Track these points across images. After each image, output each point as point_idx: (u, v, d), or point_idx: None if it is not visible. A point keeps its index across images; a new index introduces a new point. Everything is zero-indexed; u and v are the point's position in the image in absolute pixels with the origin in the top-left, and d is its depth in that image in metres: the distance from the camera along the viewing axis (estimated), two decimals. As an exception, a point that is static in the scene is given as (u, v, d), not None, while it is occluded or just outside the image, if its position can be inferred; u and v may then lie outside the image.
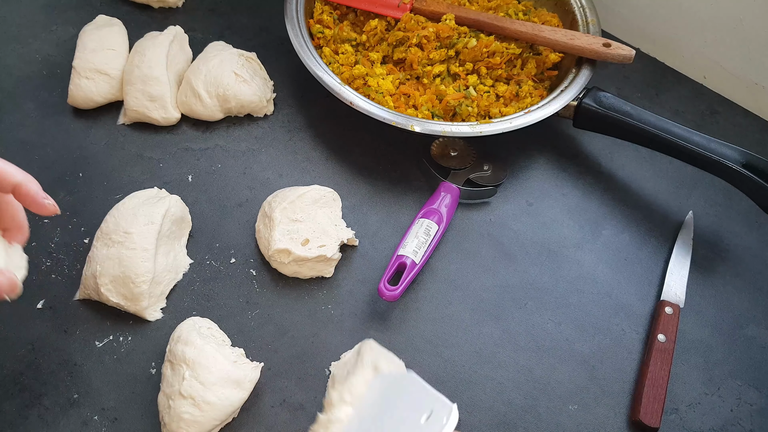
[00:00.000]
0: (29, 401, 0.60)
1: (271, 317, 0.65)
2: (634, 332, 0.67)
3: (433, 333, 0.65)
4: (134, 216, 0.64)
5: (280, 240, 0.66)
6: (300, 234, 0.67)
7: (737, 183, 0.68)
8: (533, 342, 0.66)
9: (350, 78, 0.77)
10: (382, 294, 0.64)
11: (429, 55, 0.77)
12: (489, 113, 0.75)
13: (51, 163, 0.75)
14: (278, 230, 0.67)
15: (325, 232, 0.68)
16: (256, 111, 0.80)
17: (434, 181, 0.75)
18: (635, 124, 0.71)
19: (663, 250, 0.73)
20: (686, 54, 0.88)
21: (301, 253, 0.66)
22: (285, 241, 0.66)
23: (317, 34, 0.81)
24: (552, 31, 0.77)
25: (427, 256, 0.68)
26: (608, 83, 0.87)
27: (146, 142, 0.78)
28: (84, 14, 0.88)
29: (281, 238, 0.66)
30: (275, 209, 0.68)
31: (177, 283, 0.67)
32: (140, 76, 0.77)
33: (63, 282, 0.67)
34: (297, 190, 0.70)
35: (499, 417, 0.61)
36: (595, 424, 0.61)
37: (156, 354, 0.62)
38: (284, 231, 0.67)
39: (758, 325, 0.68)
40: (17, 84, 0.82)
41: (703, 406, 0.63)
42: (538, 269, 0.70)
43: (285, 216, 0.68)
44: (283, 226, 0.67)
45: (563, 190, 0.77)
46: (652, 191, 0.77)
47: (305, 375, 0.62)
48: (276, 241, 0.66)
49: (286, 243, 0.66)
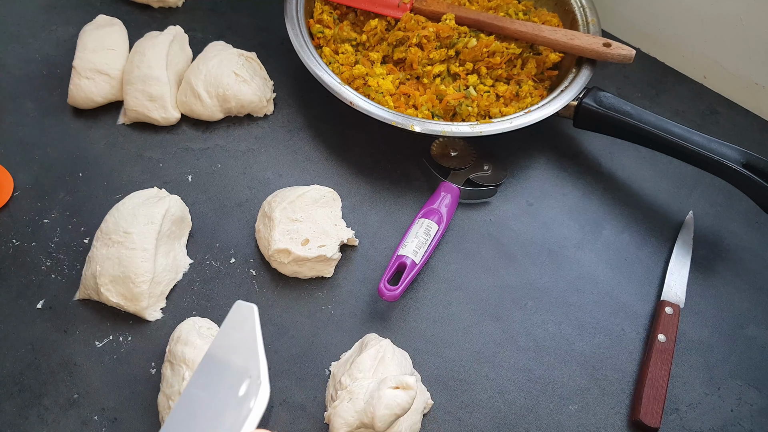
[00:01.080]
0: (29, 401, 0.60)
1: (271, 317, 0.65)
2: (634, 332, 0.67)
3: (433, 333, 0.65)
4: (134, 216, 0.64)
5: (280, 240, 0.66)
6: (300, 234, 0.67)
7: (737, 183, 0.68)
8: (533, 342, 0.66)
9: (350, 78, 0.77)
10: (382, 294, 0.64)
11: (429, 55, 0.77)
12: (489, 113, 0.75)
13: (51, 163, 0.75)
14: (278, 230, 0.67)
15: (325, 232, 0.68)
16: (256, 111, 0.80)
17: (434, 181, 0.75)
18: (635, 124, 0.71)
19: (663, 250, 0.73)
20: (686, 54, 0.88)
21: (301, 253, 0.66)
22: (285, 241, 0.66)
23: (317, 34, 0.81)
24: (552, 30, 0.77)
25: (427, 256, 0.68)
26: (608, 83, 0.87)
27: (146, 142, 0.78)
28: (84, 14, 0.88)
29: (281, 238, 0.66)
30: (275, 209, 0.68)
31: (177, 283, 0.67)
32: (140, 76, 0.77)
33: (63, 282, 0.67)
34: (297, 190, 0.70)
35: (499, 417, 0.61)
36: (595, 424, 0.61)
37: (156, 354, 0.62)
38: (284, 231, 0.67)
39: (758, 325, 0.68)
40: (17, 84, 0.82)
41: (703, 406, 0.63)
42: (538, 269, 0.70)
43: (285, 216, 0.68)
44: (282, 226, 0.67)
45: (563, 190, 0.77)
46: (652, 191, 0.77)
47: (305, 375, 0.62)
48: (276, 241, 0.66)
49: (286, 243, 0.66)
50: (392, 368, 0.57)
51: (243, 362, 0.45)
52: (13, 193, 0.72)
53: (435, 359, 0.64)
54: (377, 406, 0.53)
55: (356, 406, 0.55)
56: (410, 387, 0.54)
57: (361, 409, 0.54)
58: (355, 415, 0.55)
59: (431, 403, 0.61)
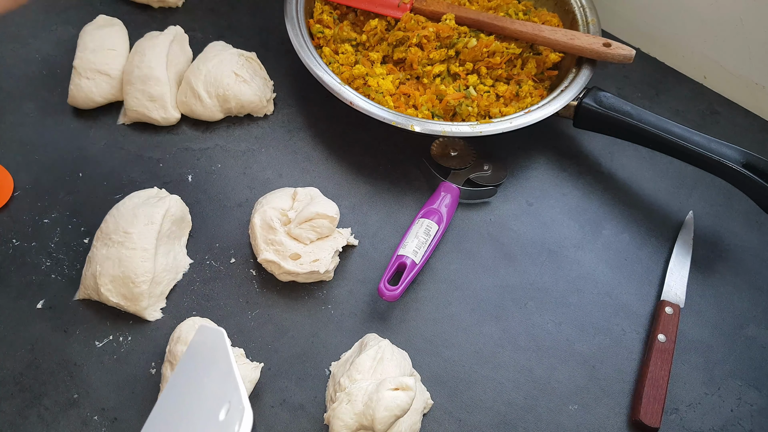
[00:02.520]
0: (29, 401, 0.60)
1: (270, 317, 0.65)
2: (634, 332, 0.67)
3: (433, 333, 0.65)
4: (134, 216, 0.64)
5: (266, 250, 0.64)
6: (286, 247, 0.64)
7: (737, 183, 0.68)
8: (533, 342, 0.66)
9: (350, 78, 0.77)
10: (382, 294, 0.64)
11: (429, 55, 0.77)
12: (489, 113, 0.75)
13: (51, 163, 0.75)
14: (260, 239, 0.65)
15: (317, 244, 0.66)
16: (256, 111, 0.80)
17: (434, 181, 0.75)
18: (635, 124, 0.71)
19: (663, 250, 0.73)
20: (686, 54, 0.88)
21: (291, 268, 0.64)
22: (270, 253, 0.64)
23: (317, 34, 0.81)
24: (552, 30, 0.77)
25: (427, 256, 0.68)
26: (608, 83, 0.87)
27: (146, 142, 0.78)
28: (84, 14, 0.88)
29: (267, 248, 0.64)
30: (255, 213, 0.66)
31: (177, 283, 0.67)
32: (140, 76, 0.77)
33: (63, 282, 0.67)
34: (285, 192, 0.68)
35: (499, 417, 0.61)
36: (595, 424, 0.61)
37: (156, 354, 0.62)
38: (267, 240, 0.64)
39: (758, 325, 0.68)
40: (17, 84, 0.82)
41: (703, 406, 0.63)
42: (538, 269, 0.70)
43: (265, 222, 0.65)
44: (265, 235, 0.65)
45: (563, 190, 0.77)
46: (652, 191, 0.77)
47: (305, 375, 0.62)
48: (261, 251, 0.64)
49: (272, 256, 0.64)
50: (391, 369, 0.57)
51: (219, 387, 0.45)
52: (13, 193, 0.72)
53: (435, 359, 0.64)
54: (377, 409, 0.53)
55: (355, 408, 0.55)
56: (409, 388, 0.54)
57: (360, 412, 0.54)
58: (354, 417, 0.55)
59: (431, 403, 0.61)
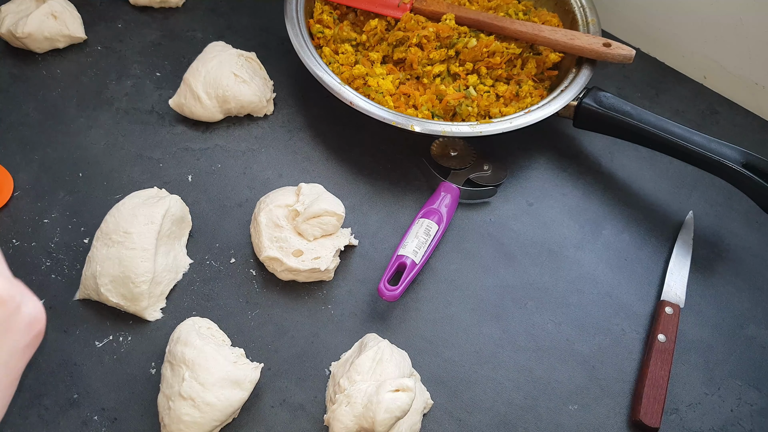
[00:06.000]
0: (29, 401, 0.60)
1: (271, 317, 0.65)
2: (634, 332, 0.67)
3: (433, 333, 0.65)
4: (134, 216, 0.64)
5: (269, 247, 0.65)
6: (290, 243, 0.65)
7: (737, 183, 0.68)
8: (533, 342, 0.66)
9: (350, 78, 0.77)
10: (382, 294, 0.64)
11: (429, 55, 0.77)
12: (489, 113, 0.75)
13: (51, 163, 0.75)
14: (265, 236, 0.65)
15: (320, 242, 0.66)
16: (256, 111, 0.80)
17: (434, 181, 0.75)
18: (635, 124, 0.71)
19: (663, 250, 0.73)
20: (686, 54, 0.88)
21: (294, 264, 0.64)
22: (274, 250, 0.64)
23: (317, 34, 0.81)
24: (552, 31, 0.77)
25: (427, 256, 0.68)
26: (608, 83, 0.87)
27: (146, 142, 0.78)
28: (84, 14, 0.87)
29: (270, 245, 0.65)
30: (260, 212, 0.66)
31: (177, 283, 0.67)
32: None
33: (63, 282, 0.66)
34: (288, 189, 0.68)
35: (499, 417, 0.61)
36: (595, 424, 0.61)
37: (156, 354, 0.62)
38: (272, 237, 0.65)
39: (758, 325, 0.68)
40: (17, 84, 0.82)
41: (703, 406, 0.63)
42: (538, 269, 0.70)
43: (270, 221, 0.66)
44: (270, 232, 0.65)
45: (563, 190, 0.77)
46: (652, 191, 0.77)
47: (305, 375, 0.62)
48: (265, 248, 0.65)
49: (275, 252, 0.64)
50: (390, 370, 0.57)
51: None
52: (13, 193, 0.72)
53: (435, 359, 0.64)
54: (377, 411, 0.53)
55: (354, 410, 0.55)
56: (409, 389, 0.54)
57: (359, 414, 0.54)
58: (354, 420, 0.54)
59: (431, 404, 0.61)
